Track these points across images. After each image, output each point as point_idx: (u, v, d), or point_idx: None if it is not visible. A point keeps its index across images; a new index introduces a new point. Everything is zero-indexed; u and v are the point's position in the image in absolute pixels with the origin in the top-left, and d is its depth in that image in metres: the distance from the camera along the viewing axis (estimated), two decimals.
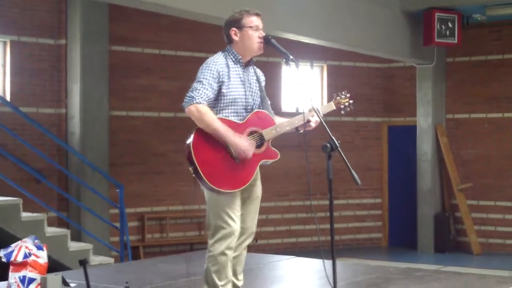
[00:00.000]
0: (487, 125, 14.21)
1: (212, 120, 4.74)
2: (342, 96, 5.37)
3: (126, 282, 5.48)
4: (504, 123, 13.99)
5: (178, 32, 12.95)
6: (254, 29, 4.95)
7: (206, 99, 4.76)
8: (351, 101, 5.37)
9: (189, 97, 4.76)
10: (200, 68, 4.90)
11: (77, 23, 11.51)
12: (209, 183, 4.71)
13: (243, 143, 4.79)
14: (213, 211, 4.86)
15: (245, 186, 4.87)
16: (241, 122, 4.91)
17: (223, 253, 4.80)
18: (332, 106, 5.31)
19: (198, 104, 4.72)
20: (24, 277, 5.55)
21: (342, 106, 5.34)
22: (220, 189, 4.75)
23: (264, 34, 4.99)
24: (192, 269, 5.25)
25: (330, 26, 11.18)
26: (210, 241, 4.85)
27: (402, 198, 14.98)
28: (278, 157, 5.00)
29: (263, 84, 5.15)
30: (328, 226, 4.55)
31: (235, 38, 4.97)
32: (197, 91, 4.76)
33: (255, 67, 5.15)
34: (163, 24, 12.69)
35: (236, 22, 4.97)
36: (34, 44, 11.63)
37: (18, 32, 11.47)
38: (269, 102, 5.13)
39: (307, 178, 13.18)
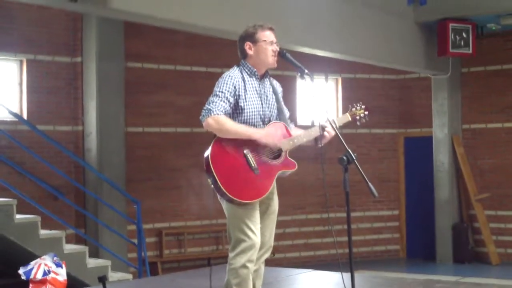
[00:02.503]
0: (504, 134, 14.14)
1: (233, 125, 4.79)
2: (358, 108, 5.36)
3: None
4: None
5: (193, 47, 13.00)
6: (268, 43, 4.99)
7: (223, 111, 4.79)
8: (366, 113, 5.36)
9: (206, 110, 4.79)
10: (217, 82, 4.94)
11: (93, 41, 11.59)
12: (228, 194, 4.73)
13: (269, 133, 4.87)
14: (233, 224, 4.87)
15: (264, 196, 4.88)
16: None
17: (244, 266, 4.81)
18: (347, 118, 5.31)
19: (216, 115, 4.74)
20: None
21: (357, 118, 5.33)
22: (240, 200, 4.76)
23: (278, 48, 5.03)
24: (213, 283, 5.25)
25: (344, 39, 11.20)
26: (231, 254, 4.86)
27: (420, 209, 14.92)
28: (296, 167, 5.01)
29: (280, 95, 5.18)
30: (345, 238, 4.55)
31: (250, 52, 5.01)
32: (214, 103, 4.80)
33: (271, 78, 5.19)
34: (178, 40, 12.74)
35: (250, 37, 5.01)
36: (50, 62, 11.72)
37: (34, 50, 11.56)
38: (288, 114, 5.16)
39: (324, 191, 13.19)
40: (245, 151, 4.83)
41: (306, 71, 4.90)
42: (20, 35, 11.44)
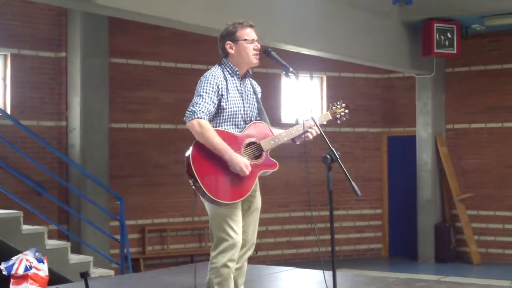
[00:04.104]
0: (487, 135, 14.22)
1: (213, 136, 4.74)
2: (338, 106, 5.34)
3: None
4: (503, 133, 14.00)
5: (178, 44, 12.99)
6: (249, 42, 4.97)
7: (207, 113, 4.77)
8: (346, 111, 5.35)
9: (191, 111, 4.77)
10: (199, 82, 4.91)
11: (78, 36, 11.55)
12: (209, 195, 4.72)
13: (240, 162, 4.77)
14: (215, 223, 4.86)
15: (245, 197, 4.88)
16: (239, 133, 4.93)
17: (225, 265, 4.81)
18: (328, 116, 5.30)
19: (200, 119, 4.73)
20: None
21: (338, 116, 5.33)
22: (221, 201, 4.75)
23: (259, 45, 5.01)
24: (193, 281, 5.25)
25: (329, 38, 11.22)
26: (213, 253, 4.86)
27: (402, 208, 14.97)
28: (277, 167, 5.00)
29: (259, 95, 5.16)
30: (328, 237, 4.56)
31: (231, 51, 4.98)
32: (198, 105, 4.77)
33: (251, 79, 5.17)
34: (163, 37, 12.72)
35: (230, 35, 4.98)
36: (34, 57, 11.67)
37: (18, 45, 11.51)
38: (265, 113, 5.14)
39: (308, 189, 13.22)
40: None
41: (291, 69, 4.90)
42: (4, 29, 11.38)
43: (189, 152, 4.76)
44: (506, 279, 11.57)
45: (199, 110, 4.75)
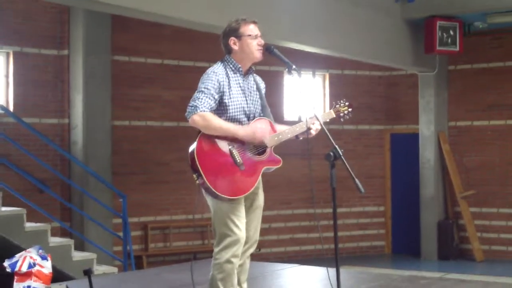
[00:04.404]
0: (489, 132, 14.22)
1: (220, 123, 4.77)
2: (341, 104, 5.33)
3: None
4: (506, 130, 14.01)
5: (180, 42, 12.99)
6: (253, 37, 4.97)
7: (209, 107, 4.77)
8: (350, 109, 5.33)
9: (192, 106, 4.77)
10: (201, 78, 4.91)
11: (80, 34, 11.56)
12: (214, 190, 4.72)
13: (255, 129, 4.85)
14: (218, 219, 4.86)
15: (249, 192, 4.88)
16: None
17: (228, 261, 4.80)
18: (332, 114, 5.29)
19: (202, 112, 4.73)
20: (29, 287, 5.57)
21: (341, 114, 5.31)
22: (225, 196, 4.75)
23: (262, 41, 5.01)
24: (196, 278, 5.24)
25: (332, 35, 11.21)
26: (216, 249, 4.85)
27: (405, 205, 14.97)
28: (281, 163, 5.00)
29: (263, 91, 5.16)
30: (331, 234, 4.55)
31: (234, 47, 4.98)
32: (199, 100, 4.77)
33: (255, 75, 5.16)
34: (165, 34, 12.72)
35: (234, 32, 4.98)
36: (37, 55, 11.67)
37: (21, 43, 11.51)
38: (269, 110, 5.14)
39: (311, 186, 13.23)
40: (230, 147, 4.82)
41: (293, 66, 4.88)
42: (6, 27, 11.38)
43: (193, 147, 4.77)
44: (510, 276, 11.59)
45: (201, 104, 4.75)
